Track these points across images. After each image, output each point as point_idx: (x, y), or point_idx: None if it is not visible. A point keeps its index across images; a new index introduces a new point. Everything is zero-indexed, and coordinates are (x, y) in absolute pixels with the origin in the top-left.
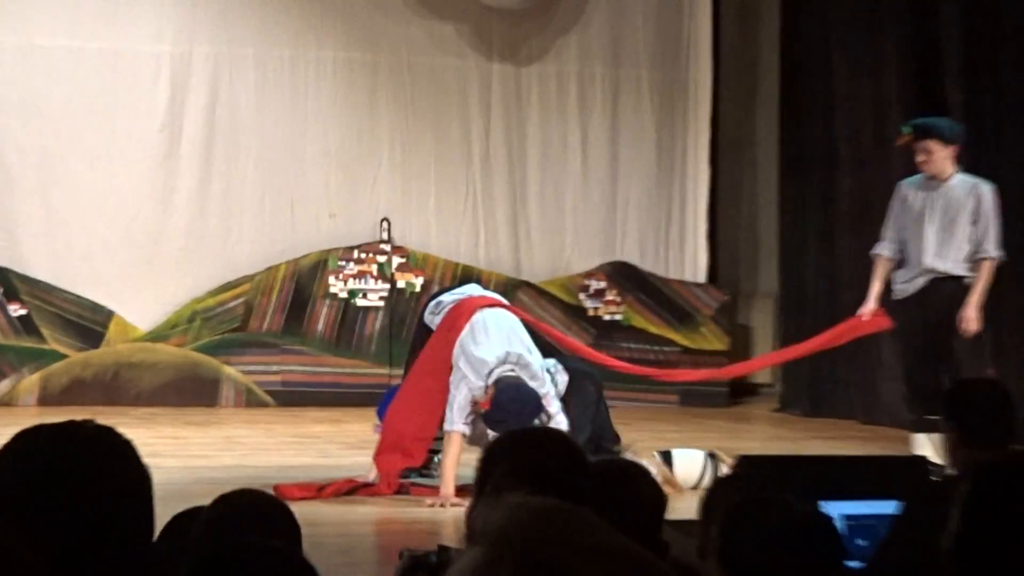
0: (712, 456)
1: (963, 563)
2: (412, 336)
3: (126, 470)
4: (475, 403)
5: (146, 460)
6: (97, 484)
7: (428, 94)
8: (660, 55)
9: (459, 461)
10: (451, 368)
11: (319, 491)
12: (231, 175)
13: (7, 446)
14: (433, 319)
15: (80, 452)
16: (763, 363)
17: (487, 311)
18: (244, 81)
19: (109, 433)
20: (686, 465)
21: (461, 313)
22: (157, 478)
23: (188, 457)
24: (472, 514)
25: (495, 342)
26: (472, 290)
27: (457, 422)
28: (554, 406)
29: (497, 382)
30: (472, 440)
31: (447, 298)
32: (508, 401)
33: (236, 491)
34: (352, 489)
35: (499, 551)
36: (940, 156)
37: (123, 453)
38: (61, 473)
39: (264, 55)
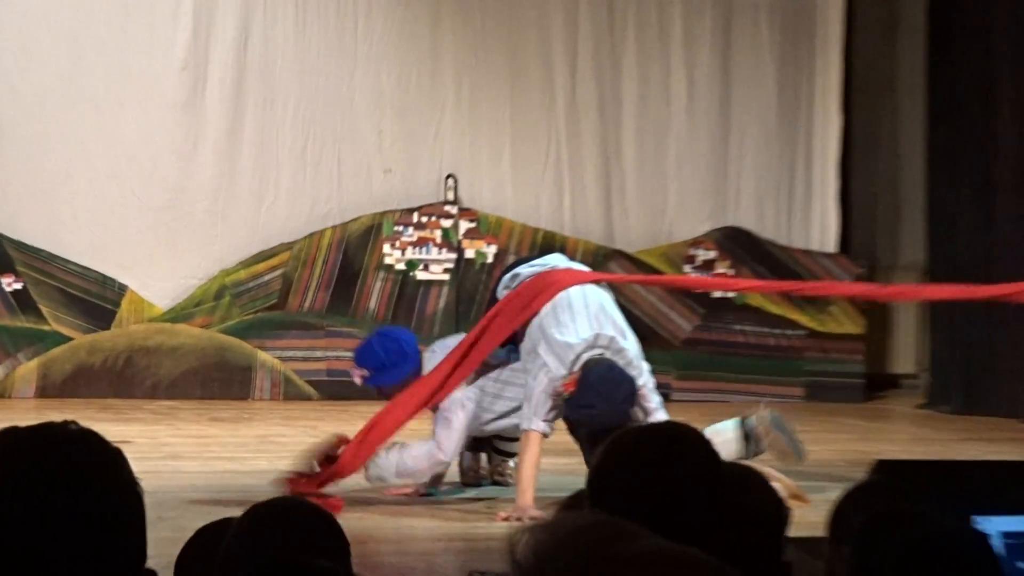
0: (744, 422)
1: None
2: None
3: (112, 486)
4: (556, 395)
5: (166, 463)
6: (77, 503)
7: (501, 25)
8: None
9: (539, 465)
10: (496, 344)
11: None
12: (266, 123)
13: None
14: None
15: (56, 464)
16: (928, 293)
17: (574, 289)
18: (281, 10)
19: (93, 439)
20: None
21: (541, 289)
22: (178, 483)
23: (215, 460)
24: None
25: (581, 323)
26: (556, 261)
27: (536, 419)
28: (653, 401)
29: (585, 364)
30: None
31: (525, 270)
32: (599, 381)
33: (273, 499)
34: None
35: None
36: None
37: (109, 464)
38: (32, 490)
39: None
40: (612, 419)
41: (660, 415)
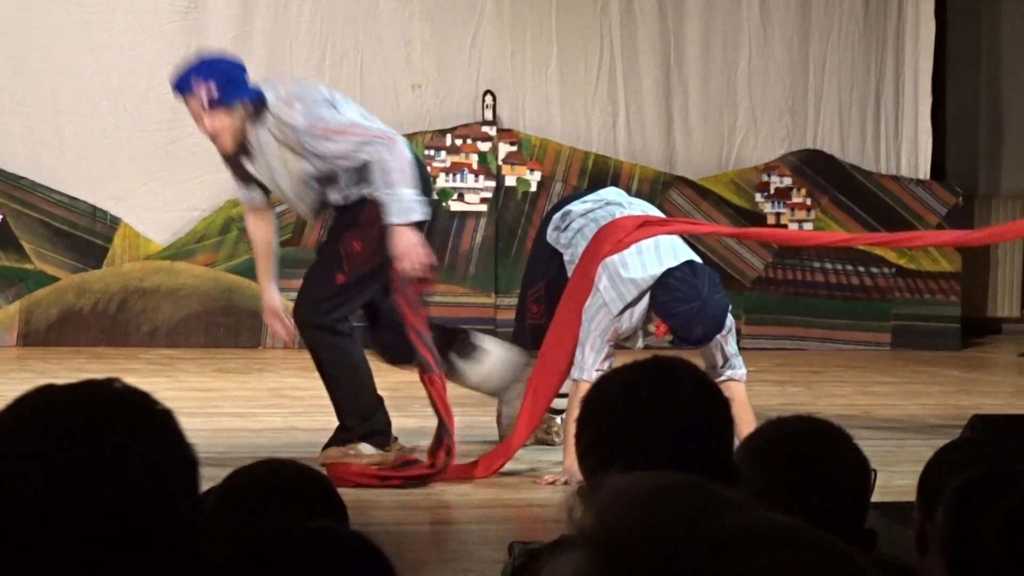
0: None
1: None
2: (529, 255)
3: (166, 452)
4: (614, 338)
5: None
6: (125, 471)
7: None
8: None
9: None
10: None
11: (380, 479)
12: (277, 28)
13: (8, 412)
14: (559, 236)
15: (103, 428)
16: None
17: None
18: None
19: (142, 400)
20: None
21: (605, 240)
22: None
23: (221, 416)
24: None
25: (648, 257)
26: (610, 196)
27: (589, 368)
28: (732, 345)
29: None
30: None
31: (577, 208)
32: (698, 273)
33: (258, 462)
34: (423, 477)
35: (602, 558)
36: None
37: (160, 428)
38: (76, 458)
39: None
40: (708, 329)
41: (737, 363)
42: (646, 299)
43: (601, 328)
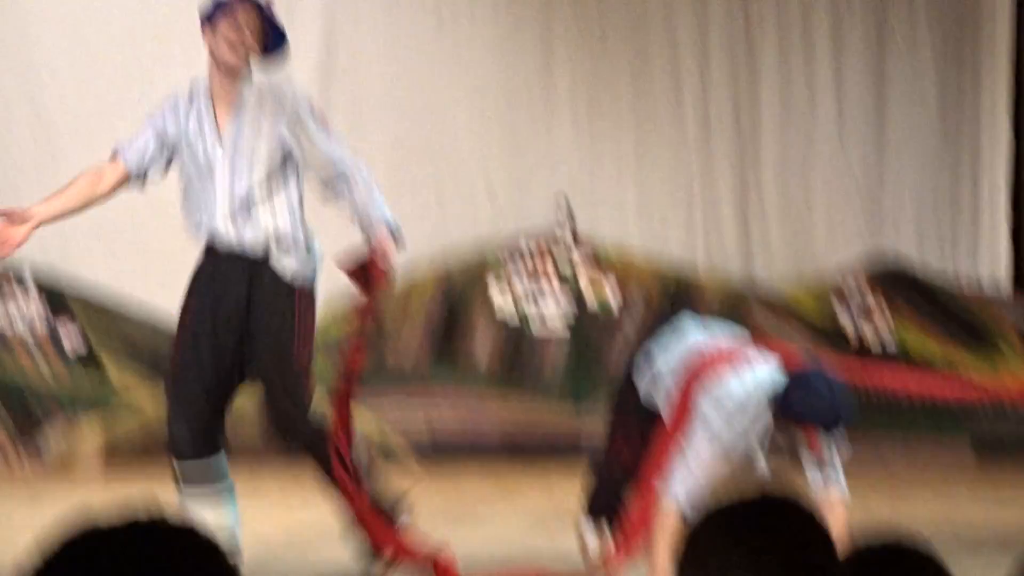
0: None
1: None
2: (617, 391)
3: None
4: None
5: (249, 547)
6: None
7: (623, 27)
8: None
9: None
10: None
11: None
12: (351, 142)
13: (47, 566)
14: (642, 377)
15: (149, 572)
16: None
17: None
18: (368, 9)
19: (187, 536)
20: None
21: (696, 370)
22: (263, 570)
23: (302, 541)
24: None
25: (750, 376)
26: (689, 328)
27: (680, 492)
28: (836, 459)
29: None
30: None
31: (660, 343)
32: (816, 379)
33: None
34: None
35: None
36: None
37: (208, 565)
38: None
39: None
40: (832, 416)
41: (837, 476)
42: (764, 416)
43: (700, 453)
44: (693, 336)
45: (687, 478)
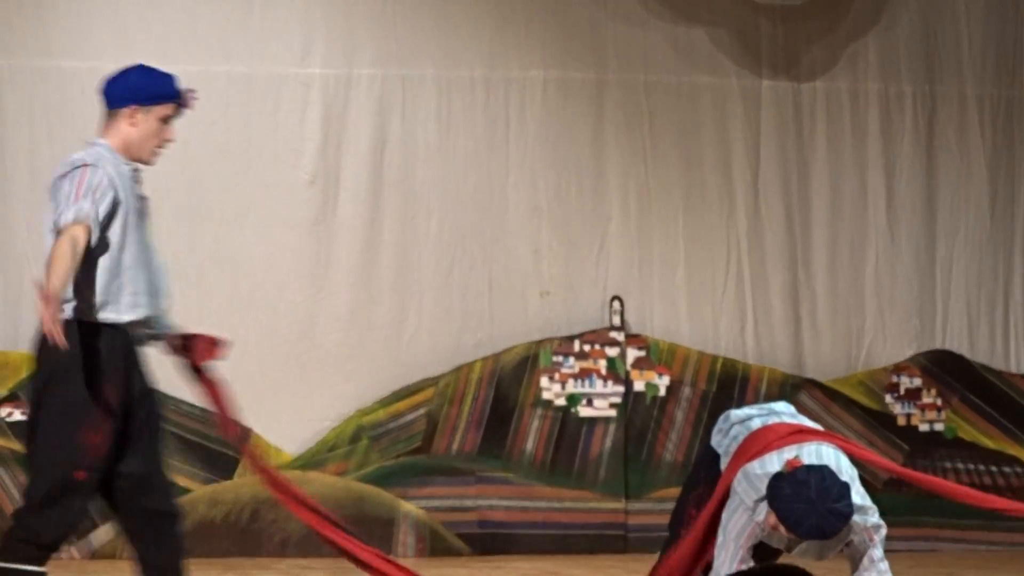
0: None
1: None
2: (694, 461)
3: None
4: (751, 539)
5: None
6: None
7: (673, 124)
8: (990, 66)
9: None
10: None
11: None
12: (406, 241)
13: None
14: (721, 441)
15: None
16: None
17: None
18: (422, 111)
19: None
20: None
21: (763, 445)
22: None
23: None
24: None
25: (788, 453)
26: (779, 408)
27: (726, 567)
28: (878, 550)
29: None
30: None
31: (738, 413)
32: (807, 473)
33: None
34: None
35: None
36: None
37: None
38: None
39: (448, 77)
40: (822, 523)
41: (883, 566)
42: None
43: (737, 530)
44: (773, 415)
45: (724, 559)
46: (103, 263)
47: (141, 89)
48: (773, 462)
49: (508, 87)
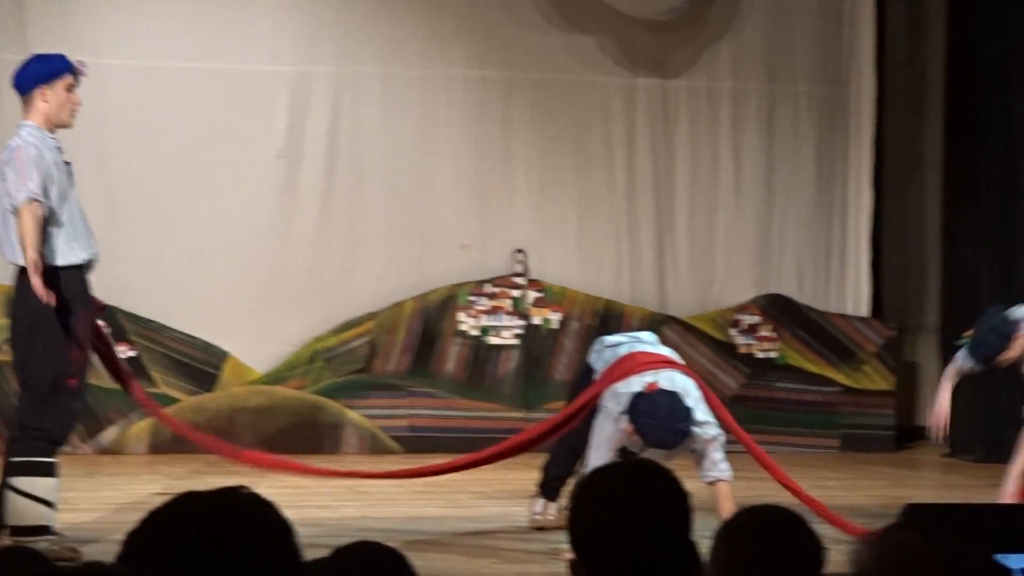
0: None
1: None
2: (574, 375)
3: (280, 553)
4: (619, 442)
5: None
6: (249, 564)
7: (567, 113)
8: (819, 69)
9: None
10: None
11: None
12: (354, 205)
13: (160, 512)
14: (596, 360)
15: (236, 527)
16: None
17: (662, 372)
18: (368, 103)
19: (268, 509)
20: None
21: (628, 368)
22: None
23: (309, 508)
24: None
25: (647, 377)
26: (644, 337)
27: (597, 463)
28: (718, 453)
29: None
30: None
31: (610, 339)
32: (661, 396)
33: (356, 543)
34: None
35: None
36: None
37: (280, 533)
38: (214, 546)
39: (390, 74)
40: (666, 436)
41: (723, 467)
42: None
43: (605, 435)
44: (639, 343)
45: (595, 459)
46: (52, 220)
47: (41, 72)
48: (635, 384)
49: (437, 82)
